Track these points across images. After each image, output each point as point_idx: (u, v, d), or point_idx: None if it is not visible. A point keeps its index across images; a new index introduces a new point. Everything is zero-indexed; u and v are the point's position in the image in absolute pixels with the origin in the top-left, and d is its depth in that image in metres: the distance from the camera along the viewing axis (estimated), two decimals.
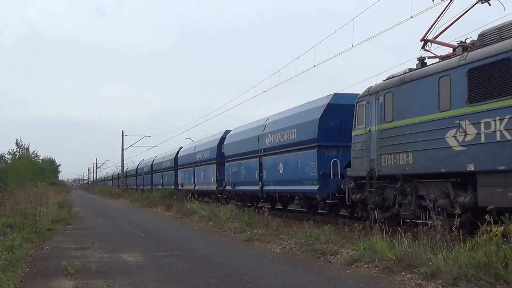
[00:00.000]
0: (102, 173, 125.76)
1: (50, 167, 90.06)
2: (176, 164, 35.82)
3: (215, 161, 26.21)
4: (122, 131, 53.48)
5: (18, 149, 58.47)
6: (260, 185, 20.14)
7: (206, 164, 28.02)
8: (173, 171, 36.86)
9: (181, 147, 37.13)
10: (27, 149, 61.42)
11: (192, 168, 30.74)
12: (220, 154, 25.57)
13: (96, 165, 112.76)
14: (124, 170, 62.80)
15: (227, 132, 25.95)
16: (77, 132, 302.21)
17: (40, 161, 73.42)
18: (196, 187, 29.89)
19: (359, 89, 32.39)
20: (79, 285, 7.19)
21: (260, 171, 20.17)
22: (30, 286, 7.23)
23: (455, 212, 8.86)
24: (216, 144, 26.44)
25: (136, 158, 73.07)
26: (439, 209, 10.25)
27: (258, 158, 20.48)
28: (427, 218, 10.12)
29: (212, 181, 26.63)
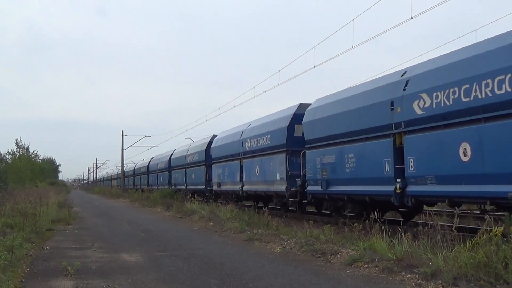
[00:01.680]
0: (102, 173, 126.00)
1: (50, 167, 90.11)
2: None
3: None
4: (122, 131, 53.53)
5: (18, 149, 58.49)
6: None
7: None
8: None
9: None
10: (27, 149, 61.44)
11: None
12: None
13: (96, 165, 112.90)
14: (125, 170, 63.18)
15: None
16: (77, 132, 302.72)
17: (40, 161, 73.45)
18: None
19: None
20: (79, 285, 7.19)
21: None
22: (30, 286, 7.23)
23: (455, 212, 8.85)
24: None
25: (136, 158, 73.45)
26: None
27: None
28: (427, 218, 10.10)
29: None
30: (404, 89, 11.39)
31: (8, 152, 56.91)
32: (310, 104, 16.52)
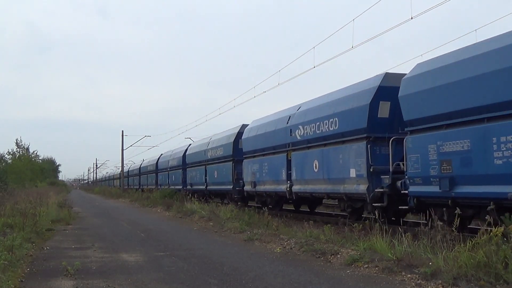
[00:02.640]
0: (102, 173, 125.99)
1: (50, 167, 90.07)
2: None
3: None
4: (122, 131, 53.51)
5: (18, 149, 58.49)
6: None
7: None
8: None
9: (189, 145, 35.15)
10: (27, 149, 61.42)
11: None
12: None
13: (96, 165, 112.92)
14: (130, 169, 62.75)
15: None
16: (78, 132, 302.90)
17: (40, 161, 73.41)
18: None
19: None
20: (79, 285, 7.19)
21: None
22: (30, 286, 7.23)
23: (456, 212, 8.83)
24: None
25: (136, 158, 73.18)
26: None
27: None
28: (427, 218, 10.08)
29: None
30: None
31: (8, 152, 56.99)
32: (397, 73, 12.67)
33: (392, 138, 12.07)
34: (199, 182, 29.29)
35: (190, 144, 34.81)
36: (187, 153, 33.09)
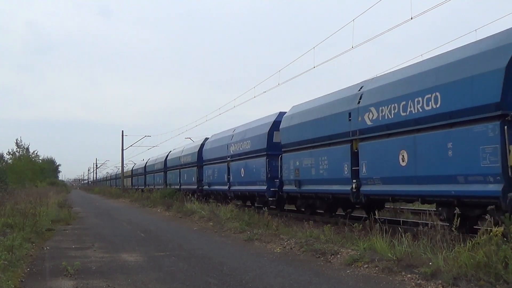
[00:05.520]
0: (102, 173, 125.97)
1: (50, 167, 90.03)
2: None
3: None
4: (122, 131, 53.55)
5: (18, 149, 58.50)
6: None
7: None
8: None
9: (170, 151, 40.71)
10: (27, 149, 61.42)
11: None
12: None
13: (96, 165, 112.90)
14: (134, 168, 62.94)
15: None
16: (78, 132, 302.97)
17: (40, 161, 73.39)
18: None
19: None
20: (79, 285, 7.19)
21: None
22: (30, 286, 7.23)
23: (455, 212, 8.83)
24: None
25: (136, 158, 73.29)
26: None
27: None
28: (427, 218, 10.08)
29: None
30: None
31: (8, 152, 57.01)
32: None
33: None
34: (219, 181, 25.86)
35: (206, 138, 30.77)
36: (204, 148, 29.69)
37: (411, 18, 13.32)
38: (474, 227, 10.54)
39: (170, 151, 41.01)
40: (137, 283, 7.32)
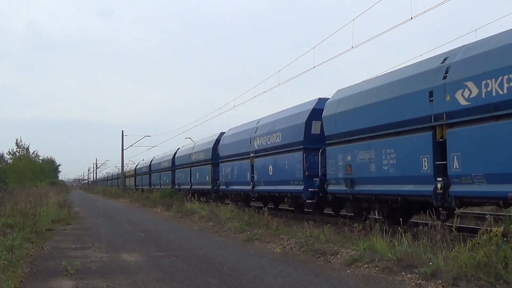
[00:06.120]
0: (102, 173, 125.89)
1: (50, 167, 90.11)
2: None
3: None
4: (122, 131, 53.44)
5: (18, 149, 58.55)
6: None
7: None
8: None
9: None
10: (27, 149, 61.50)
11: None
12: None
13: (96, 165, 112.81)
14: (137, 167, 62.14)
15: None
16: (78, 132, 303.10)
17: (40, 161, 73.44)
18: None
19: None
20: (79, 285, 7.19)
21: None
22: (30, 286, 7.23)
23: (455, 212, 8.84)
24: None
25: (136, 158, 73.11)
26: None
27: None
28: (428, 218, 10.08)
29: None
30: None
31: (8, 152, 57.05)
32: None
33: None
34: (240, 180, 22.31)
35: (222, 133, 26.84)
36: (220, 144, 25.77)
37: (411, 18, 13.31)
38: None
39: (179, 148, 37.39)
40: (137, 283, 7.32)
